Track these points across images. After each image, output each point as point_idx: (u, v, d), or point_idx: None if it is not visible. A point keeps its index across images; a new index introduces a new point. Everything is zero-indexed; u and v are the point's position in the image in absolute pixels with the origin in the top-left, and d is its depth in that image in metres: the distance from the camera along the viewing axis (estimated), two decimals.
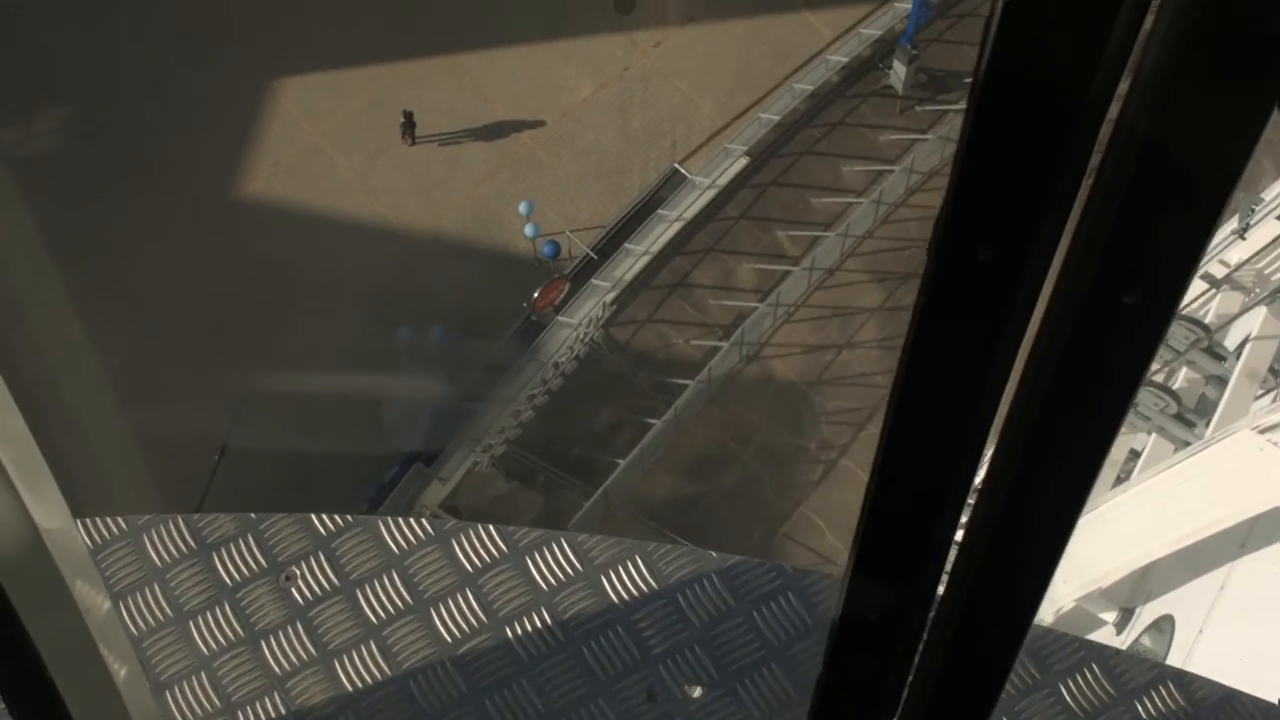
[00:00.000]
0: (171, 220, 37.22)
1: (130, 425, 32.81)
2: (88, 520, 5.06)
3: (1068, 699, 4.93)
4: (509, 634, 4.93)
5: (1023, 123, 1.86)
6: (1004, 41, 1.77)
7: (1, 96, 37.41)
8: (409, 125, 37.83)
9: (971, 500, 2.45)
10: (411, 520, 5.21)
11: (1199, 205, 1.94)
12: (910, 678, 2.87)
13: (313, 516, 5.18)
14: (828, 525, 35.01)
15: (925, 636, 2.75)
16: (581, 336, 35.77)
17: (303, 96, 38.75)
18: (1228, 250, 21.45)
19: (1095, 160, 1.97)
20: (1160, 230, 1.96)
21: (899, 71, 36.96)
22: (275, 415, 35.22)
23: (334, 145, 38.27)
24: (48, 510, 2.89)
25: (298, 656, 4.93)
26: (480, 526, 5.08)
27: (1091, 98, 1.84)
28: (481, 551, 5.06)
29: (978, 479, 2.43)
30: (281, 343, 35.83)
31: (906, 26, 36.31)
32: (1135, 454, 20.26)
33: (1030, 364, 2.17)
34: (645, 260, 36.38)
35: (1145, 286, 2.01)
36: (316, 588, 5.02)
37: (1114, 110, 1.91)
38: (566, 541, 5.09)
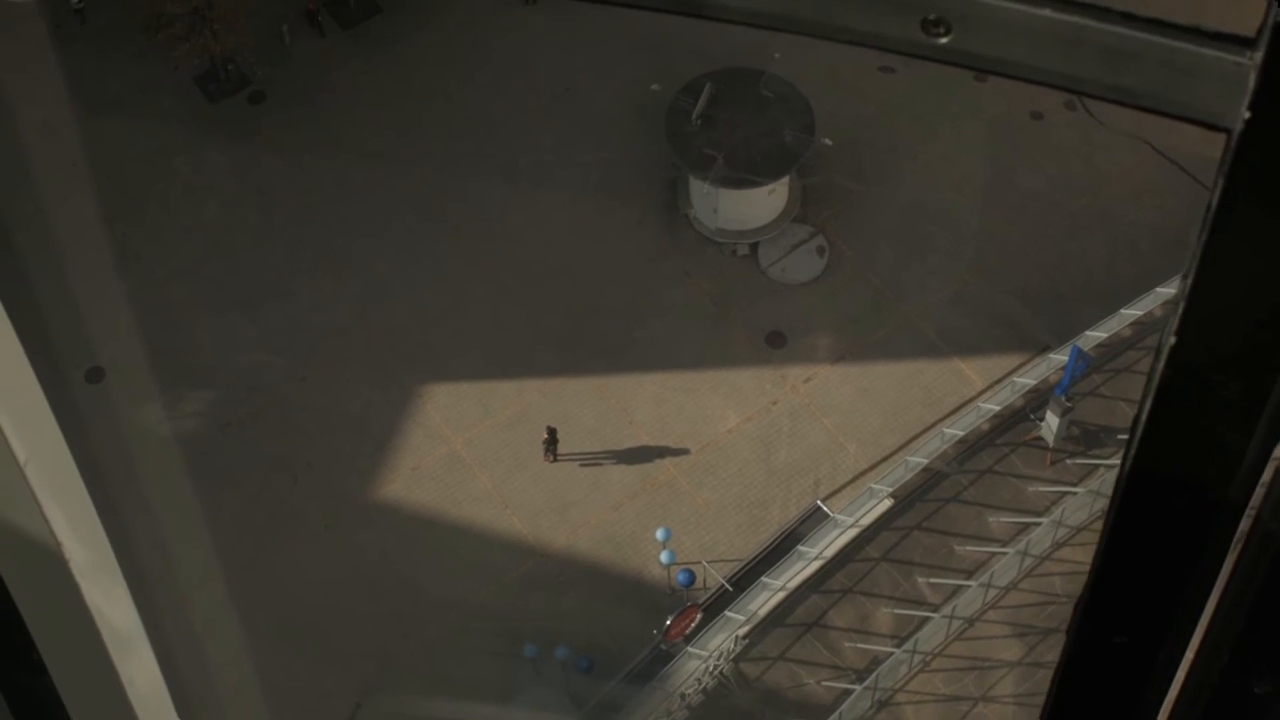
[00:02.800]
0: (305, 518, 37.09)
1: None
2: None
3: None
4: None
5: (1163, 520, 1.99)
6: (1148, 444, 1.92)
7: (151, 377, 37.73)
8: (552, 442, 37.79)
9: None
10: None
11: None
12: None
13: None
14: None
15: None
16: (710, 669, 35.05)
17: (448, 404, 38.92)
18: None
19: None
20: None
21: (1051, 423, 36.68)
22: None
23: (475, 455, 38.22)
24: None
25: None
26: None
27: (1229, 502, 1.95)
28: None
29: None
30: (402, 653, 35.19)
31: (1061, 378, 36.13)
32: None
33: None
34: (781, 596, 35.85)
35: (1276, 678, 2.12)
36: None
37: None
38: None
